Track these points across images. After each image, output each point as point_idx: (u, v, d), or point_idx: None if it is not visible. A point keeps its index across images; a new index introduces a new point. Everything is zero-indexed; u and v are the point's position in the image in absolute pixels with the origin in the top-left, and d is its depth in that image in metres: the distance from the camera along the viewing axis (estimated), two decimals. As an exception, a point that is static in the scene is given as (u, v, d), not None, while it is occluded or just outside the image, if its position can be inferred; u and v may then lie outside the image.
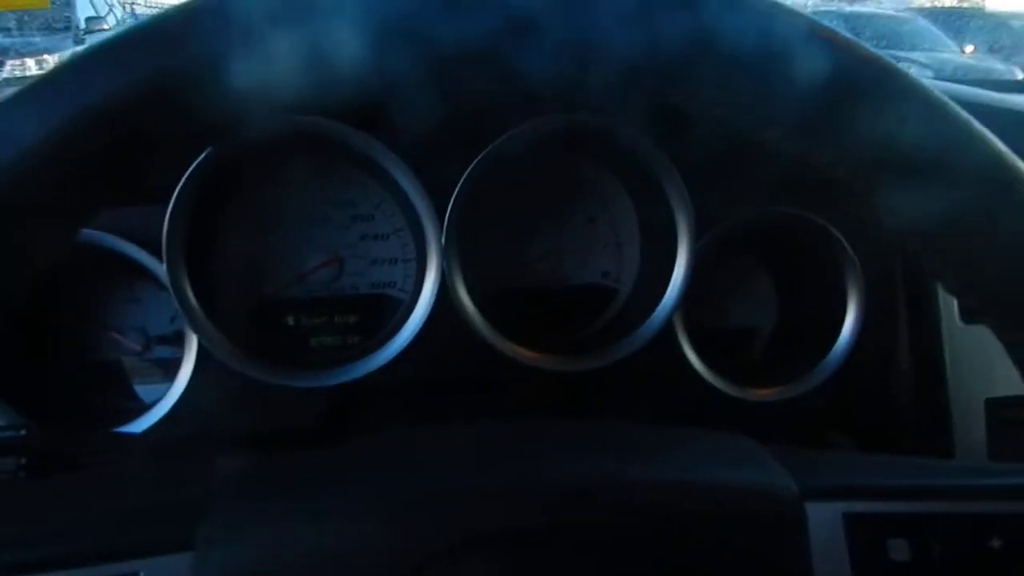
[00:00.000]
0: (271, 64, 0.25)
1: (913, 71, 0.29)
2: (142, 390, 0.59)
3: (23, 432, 0.41)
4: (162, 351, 0.58)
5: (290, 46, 0.25)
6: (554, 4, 0.26)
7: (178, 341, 0.55)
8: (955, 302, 0.57)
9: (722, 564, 0.32)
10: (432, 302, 0.55)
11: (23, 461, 0.40)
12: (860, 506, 0.32)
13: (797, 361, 0.60)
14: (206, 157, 0.50)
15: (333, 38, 0.25)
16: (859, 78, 0.27)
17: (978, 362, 0.56)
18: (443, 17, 0.26)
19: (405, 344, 0.54)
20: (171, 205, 0.51)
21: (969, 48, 6.87)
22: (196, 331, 0.53)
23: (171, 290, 0.52)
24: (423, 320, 0.54)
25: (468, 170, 0.54)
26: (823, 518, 0.32)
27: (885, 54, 0.27)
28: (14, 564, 0.29)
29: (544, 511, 0.31)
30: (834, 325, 0.59)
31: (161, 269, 0.52)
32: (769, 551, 0.32)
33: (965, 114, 0.28)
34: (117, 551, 0.29)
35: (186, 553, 0.29)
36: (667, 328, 0.56)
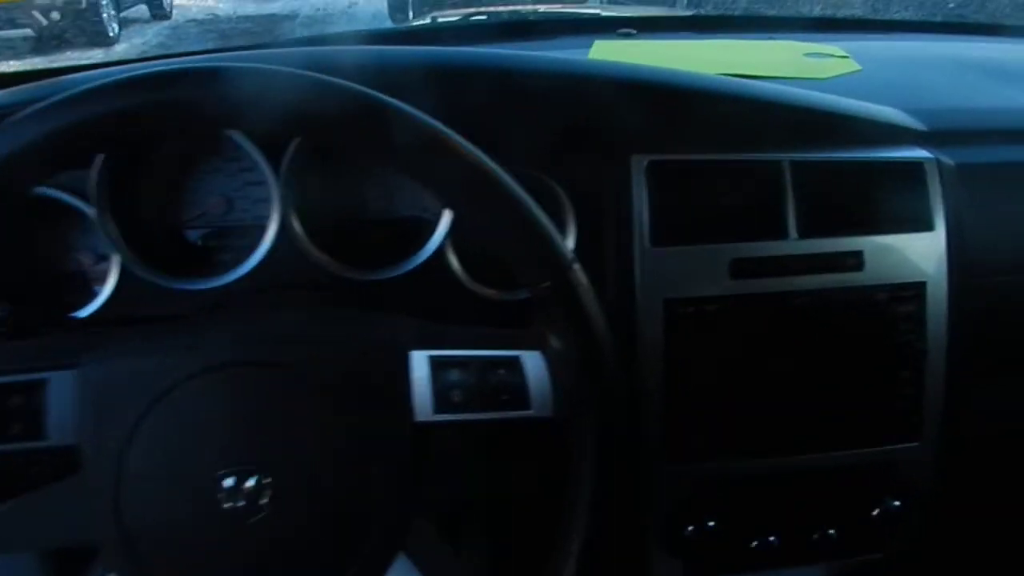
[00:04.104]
0: None
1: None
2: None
3: None
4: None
5: None
6: None
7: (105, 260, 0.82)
8: (646, 230, 0.81)
9: (367, 383, 0.59)
10: (277, 232, 0.81)
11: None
12: (434, 352, 0.59)
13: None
14: None
15: None
16: None
17: (658, 272, 0.81)
18: None
19: (260, 259, 0.81)
20: None
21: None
22: (119, 254, 0.80)
23: (99, 226, 0.78)
24: (271, 244, 0.81)
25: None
26: (420, 359, 0.60)
27: None
28: None
29: (268, 353, 0.60)
30: None
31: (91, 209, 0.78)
32: (387, 375, 0.60)
33: None
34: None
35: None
36: (441, 248, 0.82)
